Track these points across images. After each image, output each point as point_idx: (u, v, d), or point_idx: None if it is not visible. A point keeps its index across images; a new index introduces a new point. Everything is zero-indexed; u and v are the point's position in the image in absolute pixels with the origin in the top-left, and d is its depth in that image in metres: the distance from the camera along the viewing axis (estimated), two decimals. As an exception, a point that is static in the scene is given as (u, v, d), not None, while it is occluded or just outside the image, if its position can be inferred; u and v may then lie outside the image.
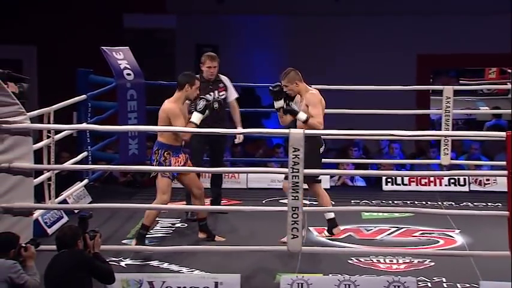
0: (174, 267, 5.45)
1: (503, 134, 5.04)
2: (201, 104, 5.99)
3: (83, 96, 7.53)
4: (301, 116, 6.00)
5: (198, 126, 5.97)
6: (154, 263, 5.53)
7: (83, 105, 7.58)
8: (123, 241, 6.12)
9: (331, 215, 6.19)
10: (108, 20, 11.15)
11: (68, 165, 7.05)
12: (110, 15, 11.23)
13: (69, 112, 7.56)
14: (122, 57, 7.99)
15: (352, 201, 7.45)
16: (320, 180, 6.22)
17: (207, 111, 5.98)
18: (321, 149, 6.12)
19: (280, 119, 6.24)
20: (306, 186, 5.52)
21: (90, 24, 11.03)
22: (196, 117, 5.94)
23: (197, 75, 6.30)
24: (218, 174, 6.95)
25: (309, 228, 6.34)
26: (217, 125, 6.33)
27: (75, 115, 7.64)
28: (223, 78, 6.92)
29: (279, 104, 6.10)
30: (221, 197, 7.04)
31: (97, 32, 10.68)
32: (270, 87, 6.15)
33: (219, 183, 7.03)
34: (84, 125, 7.31)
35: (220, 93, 6.82)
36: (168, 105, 5.99)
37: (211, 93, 6.74)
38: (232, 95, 6.92)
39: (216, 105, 6.33)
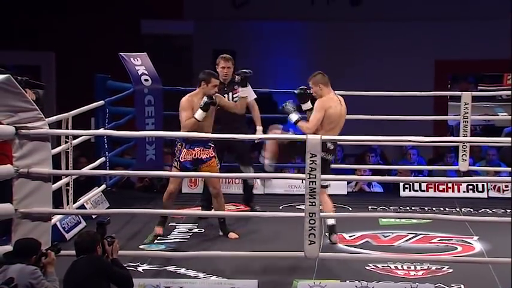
0: (191, 272, 5.45)
1: (522, 140, 5.01)
2: (203, 101, 6.14)
3: (101, 102, 7.56)
4: (293, 117, 6.11)
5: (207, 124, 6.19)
6: (172, 268, 5.54)
7: (101, 110, 7.62)
8: (141, 246, 6.14)
9: (332, 222, 6.13)
10: (126, 26, 11.21)
11: (86, 170, 7.09)
12: (128, 21, 11.28)
13: (87, 118, 7.61)
14: (139, 63, 8.03)
15: (370, 207, 7.43)
16: (326, 185, 6.18)
17: (211, 107, 6.15)
18: (327, 157, 6.06)
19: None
20: None
21: (108, 30, 11.09)
22: (198, 113, 6.14)
23: (214, 74, 6.37)
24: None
25: (326, 234, 6.32)
26: (234, 124, 6.40)
27: (93, 121, 7.68)
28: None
29: (305, 106, 6.28)
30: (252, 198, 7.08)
31: (115, 38, 10.74)
32: (295, 90, 6.30)
33: (248, 187, 7.08)
34: (101, 131, 7.34)
35: (235, 95, 6.84)
36: (183, 98, 6.25)
37: (226, 95, 6.76)
38: (250, 95, 6.92)
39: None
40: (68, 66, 11.15)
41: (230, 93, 6.85)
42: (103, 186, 7.42)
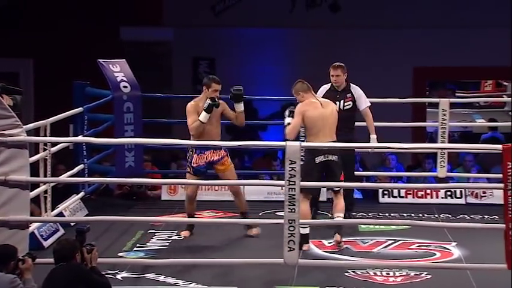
0: (170, 280, 5.43)
1: (499, 146, 5.05)
2: (206, 103, 6.39)
3: (80, 109, 7.53)
4: (286, 120, 6.21)
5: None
6: (151, 275, 5.52)
7: (80, 117, 7.58)
8: (120, 254, 6.11)
9: (306, 231, 6.10)
10: (105, 33, 11.17)
11: (64, 178, 7.05)
12: (107, 28, 11.25)
13: (66, 125, 7.56)
14: (118, 69, 8.01)
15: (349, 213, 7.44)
16: (310, 192, 6.17)
17: (214, 108, 6.38)
18: (317, 159, 6.10)
19: None
20: None
21: (87, 36, 11.04)
22: (202, 115, 6.40)
23: (215, 79, 6.54)
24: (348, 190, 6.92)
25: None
26: (343, 131, 6.53)
27: (71, 128, 7.63)
28: (354, 88, 7.11)
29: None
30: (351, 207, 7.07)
31: (94, 44, 10.69)
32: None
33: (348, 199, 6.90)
34: (80, 138, 7.31)
35: (346, 103, 7.00)
36: (188, 103, 6.50)
37: (337, 102, 6.85)
38: (363, 103, 7.09)
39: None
40: (46, 73, 11.09)
41: (342, 101, 6.99)
42: (81, 194, 7.38)
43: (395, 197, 8.11)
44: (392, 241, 6.49)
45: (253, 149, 9.64)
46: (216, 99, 6.42)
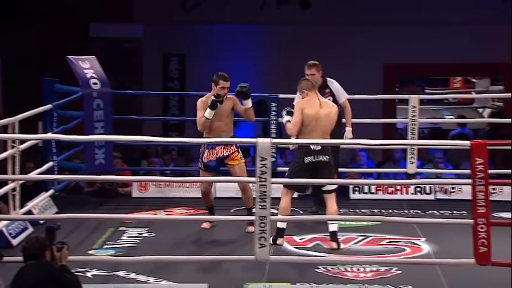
0: (141, 277, 5.41)
1: (468, 143, 5.10)
2: (210, 99, 6.51)
3: (49, 106, 7.46)
4: (285, 118, 6.27)
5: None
6: (121, 273, 5.49)
7: (49, 114, 7.51)
8: (89, 251, 6.07)
9: (283, 225, 6.15)
10: (74, 30, 11.08)
11: (33, 175, 6.98)
12: (76, 25, 11.16)
13: (35, 122, 7.49)
14: (88, 66, 7.95)
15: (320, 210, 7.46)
16: (333, 190, 6.19)
17: (218, 104, 6.46)
18: (307, 159, 6.11)
19: None
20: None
21: (56, 33, 10.95)
22: (207, 112, 6.49)
23: (223, 76, 6.62)
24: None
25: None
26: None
27: (40, 125, 7.57)
28: (330, 82, 7.22)
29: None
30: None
31: (63, 41, 10.61)
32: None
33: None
34: (49, 135, 7.24)
35: (326, 99, 6.98)
36: (199, 99, 6.60)
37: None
38: (341, 96, 7.21)
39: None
40: (14, 71, 10.97)
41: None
42: (51, 191, 7.32)
43: (366, 193, 8.16)
44: (363, 237, 6.53)
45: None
46: (221, 96, 6.50)
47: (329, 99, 6.99)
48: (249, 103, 6.65)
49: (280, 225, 6.10)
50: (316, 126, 6.14)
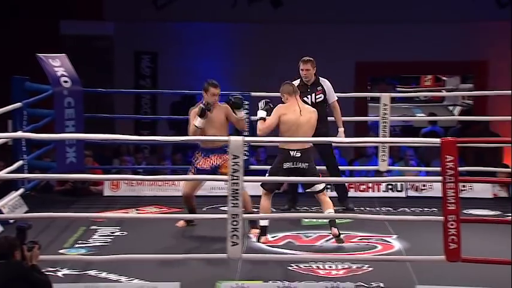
0: (112, 276, 5.38)
1: (438, 140, 5.14)
2: (199, 107, 6.44)
3: (18, 104, 7.39)
4: (259, 113, 6.26)
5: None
6: (92, 272, 5.46)
7: (19, 113, 7.45)
8: (60, 251, 6.03)
9: (266, 223, 6.22)
10: (44, 27, 10.98)
11: (3, 174, 6.90)
12: (47, 22, 11.05)
13: (4, 120, 7.42)
14: (58, 64, 7.89)
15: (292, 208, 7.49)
16: (323, 189, 6.24)
17: (206, 113, 6.41)
18: (285, 165, 6.14)
19: None
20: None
21: (27, 31, 10.84)
22: (197, 120, 6.44)
23: (213, 83, 6.57)
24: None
25: (249, 235, 6.36)
26: (318, 125, 6.49)
27: (10, 123, 7.50)
28: (323, 81, 7.23)
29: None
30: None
31: (33, 39, 10.51)
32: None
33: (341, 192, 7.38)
34: (19, 133, 7.16)
35: (317, 96, 7.11)
36: (191, 109, 6.53)
37: (308, 96, 7.03)
38: (332, 97, 7.24)
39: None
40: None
41: (313, 94, 7.11)
42: (21, 190, 7.26)
43: (338, 190, 8.17)
44: (335, 234, 6.55)
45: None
46: (210, 104, 6.43)
47: (320, 97, 7.12)
48: (241, 113, 6.61)
49: (263, 223, 6.19)
50: (296, 133, 6.16)
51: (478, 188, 8.12)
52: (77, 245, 6.21)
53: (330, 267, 5.61)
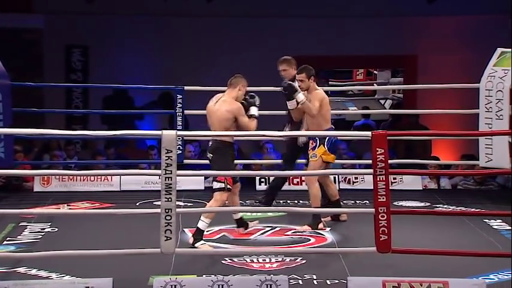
0: (43, 273, 5.29)
1: (369, 133, 5.21)
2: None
3: None
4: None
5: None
6: (22, 269, 5.35)
7: None
8: (-11, 248, 5.90)
9: (238, 216, 6.37)
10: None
11: None
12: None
13: None
14: (-15, 57, 7.70)
15: (226, 201, 7.47)
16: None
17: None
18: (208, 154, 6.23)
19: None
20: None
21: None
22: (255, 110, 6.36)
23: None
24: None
25: (184, 229, 6.33)
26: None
27: None
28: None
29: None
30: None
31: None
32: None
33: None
34: None
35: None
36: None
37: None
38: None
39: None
40: None
41: None
42: None
43: (272, 184, 8.20)
44: (270, 228, 6.59)
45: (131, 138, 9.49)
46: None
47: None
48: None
49: (235, 216, 6.37)
50: (211, 123, 6.24)
51: (408, 180, 8.27)
52: (6, 242, 6.09)
53: (264, 260, 5.63)
